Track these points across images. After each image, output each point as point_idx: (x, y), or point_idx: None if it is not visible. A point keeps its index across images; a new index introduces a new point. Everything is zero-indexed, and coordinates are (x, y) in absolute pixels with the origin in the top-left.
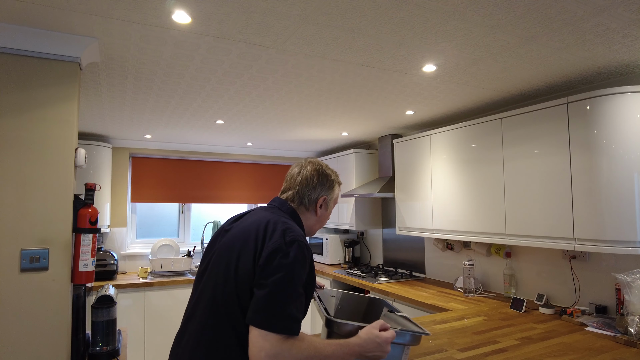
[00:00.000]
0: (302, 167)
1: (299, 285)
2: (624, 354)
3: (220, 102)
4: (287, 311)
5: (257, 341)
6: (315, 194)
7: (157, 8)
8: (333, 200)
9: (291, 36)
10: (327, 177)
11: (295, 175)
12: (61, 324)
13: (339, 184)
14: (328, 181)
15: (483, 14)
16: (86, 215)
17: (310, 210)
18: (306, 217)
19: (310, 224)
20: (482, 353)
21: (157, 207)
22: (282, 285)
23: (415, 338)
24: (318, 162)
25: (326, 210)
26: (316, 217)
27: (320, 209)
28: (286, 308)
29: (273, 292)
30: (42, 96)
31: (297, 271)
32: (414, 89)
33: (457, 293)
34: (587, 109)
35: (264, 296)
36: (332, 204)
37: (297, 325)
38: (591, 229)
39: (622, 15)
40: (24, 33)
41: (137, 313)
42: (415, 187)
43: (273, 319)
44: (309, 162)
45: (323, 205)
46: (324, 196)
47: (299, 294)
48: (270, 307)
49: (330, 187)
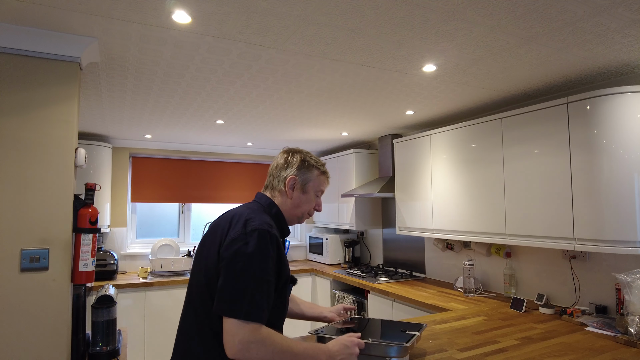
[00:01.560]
0: (278, 155)
1: (262, 274)
2: (624, 354)
3: (220, 102)
4: (249, 298)
5: (229, 329)
6: (284, 174)
7: (157, 8)
8: (312, 183)
9: (291, 36)
10: (297, 157)
11: (271, 165)
12: (61, 324)
13: (319, 170)
14: (299, 161)
15: (483, 13)
16: (86, 215)
17: (282, 193)
18: (282, 201)
19: (286, 209)
20: (482, 353)
21: (157, 207)
22: (242, 273)
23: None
24: (294, 147)
25: (304, 194)
26: (290, 200)
27: (292, 190)
28: (247, 295)
29: (233, 280)
30: (42, 96)
31: (258, 259)
32: (414, 89)
33: (457, 293)
34: (587, 109)
35: (225, 284)
36: (312, 188)
37: (261, 313)
38: (591, 229)
39: (622, 15)
40: (24, 33)
41: (137, 313)
42: (415, 187)
43: (235, 306)
44: (283, 148)
45: (296, 187)
46: (293, 176)
47: (262, 281)
48: (232, 295)
49: (302, 168)
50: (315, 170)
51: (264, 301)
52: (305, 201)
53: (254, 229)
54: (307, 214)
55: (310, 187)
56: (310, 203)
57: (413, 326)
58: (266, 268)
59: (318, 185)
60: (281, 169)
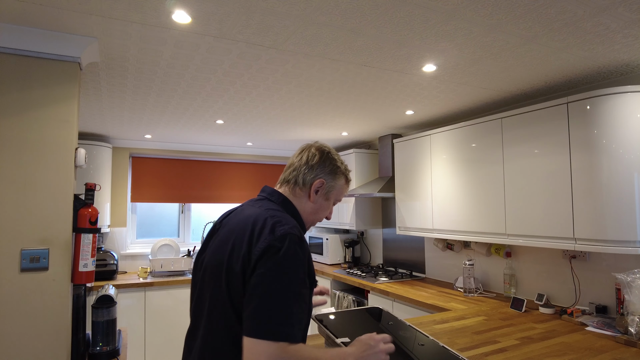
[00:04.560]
0: (307, 148)
1: (297, 285)
2: (624, 353)
3: (220, 102)
4: (286, 316)
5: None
6: (312, 174)
7: (157, 8)
8: (335, 191)
9: (291, 36)
10: (331, 160)
11: (296, 156)
12: (61, 324)
13: (347, 178)
14: (331, 165)
15: (483, 13)
16: (86, 215)
17: (305, 193)
18: (301, 202)
19: (306, 210)
20: (482, 353)
21: (157, 207)
22: (277, 288)
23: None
24: (325, 146)
25: (325, 200)
26: (312, 204)
27: (316, 194)
28: (284, 313)
29: (267, 297)
30: (42, 96)
31: (293, 270)
32: (414, 89)
33: (457, 293)
34: (587, 108)
35: (258, 303)
36: (334, 196)
37: (298, 331)
38: (591, 228)
39: (622, 15)
40: (24, 33)
41: (137, 313)
42: (415, 187)
43: (270, 327)
44: (315, 144)
45: (320, 191)
46: (322, 179)
47: (297, 294)
48: (266, 314)
49: (333, 173)
50: (343, 179)
51: (302, 316)
52: (324, 208)
53: (284, 234)
54: (319, 221)
55: (332, 195)
56: (327, 210)
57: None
58: (303, 279)
59: (340, 194)
60: (311, 168)
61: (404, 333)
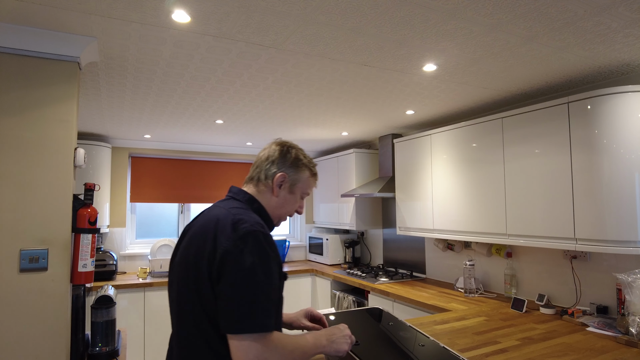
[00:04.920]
0: (268, 145)
1: (267, 280)
2: (625, 354)
3: (219, 101)
4: (260, 311)
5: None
6: (274, 169)
7: (157, 7)
8: (300, 184)
9: (291, 35)
10: (292, 154)
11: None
12: (60, 325)
13: (311, 171)
14: (292, 158)
15: (484, 13)
16: (85, 216)
17: (268, 188)
18: (266, 197)
19: (272, 205)
20: (482, 353)
21: (156, 207)
22: (247, 287)
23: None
24: (287, 141)
25: (290, 194)
26: (276, 198)
27: (279, 188)
28: (258, 308)
29: (240, 296)
30: (41, 96)
31: (260, 267)
32: (414, 89)
33: (458, 293)
34: (587, 108)
35: (231, 303)
36: (299, 189)
37: (271, 321)
38: (592, 228)
39: (623, 14)
40: (23, 33)
41: (136, 313)
42: (415, 187)
43: (245, 321)
44: (276, 140)
45: (283, 185)
46: (284, 172)
47: (268, 289)
48: (239, 310)
49: (295, 167)
50: (307, 171)
51: (272, 307)
52: (290, 202)
53: (246, 232)
54: (288, 215)
55: (298, 188)
56: (294, 204)
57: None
58: (269, 273)
59: (306, 187)
60: (272, 163)
61: (405, 334)
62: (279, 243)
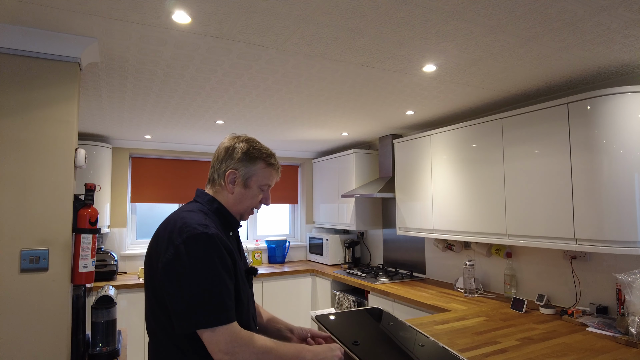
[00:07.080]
0: (219, 145)
1: (213, 274)
2: (625, 354)
3: (220, 102)
4: (206, 304)
5: (208, 341)
6: (223, 167)
7: (157, 8)
8: (256, 177)
9: (291, 36)
10: (240, 149)
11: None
12: (61, 325)
13: (266, 162)
14: (240, 153)
15: (483, 14)
16: (86, 216)
17: (223, 187)
18: (223, 195)
19: (230, 202)
20: (482, 353)
21: (157, 207)
22: (190, 283)
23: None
24: (237, 136)
25: (245, 188)
26: (232, 196)
27: (232, 185)
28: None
29: (184, 293)
30: (42, 96)
31: (200, 264)
32: (414, 89)
33: (458, 293)
34: (587, 109)
35: (177, 303)
36: (255, 182)
37: (227, 313)
38: (592, 229)
39: (623, 15)
40: (24, 33)
41: (137, 313)
42: (415, 187)
43: (195, 317)
44: (226, 137)
45: (237, 181)
46: (232, 169)
47: (217, 282)
48: (190, 308)
49: (244, 160)
50: (259, 163)
51: (225, 300)
52: (248, 196)
53: (189, 236)
54: (252, 209)
55: (253, 182)
56: (254, 198)
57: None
58: (212, 268)
59: (263, 179)
60: (222, 161)
61: (404, 334)
62: (279, 243)
